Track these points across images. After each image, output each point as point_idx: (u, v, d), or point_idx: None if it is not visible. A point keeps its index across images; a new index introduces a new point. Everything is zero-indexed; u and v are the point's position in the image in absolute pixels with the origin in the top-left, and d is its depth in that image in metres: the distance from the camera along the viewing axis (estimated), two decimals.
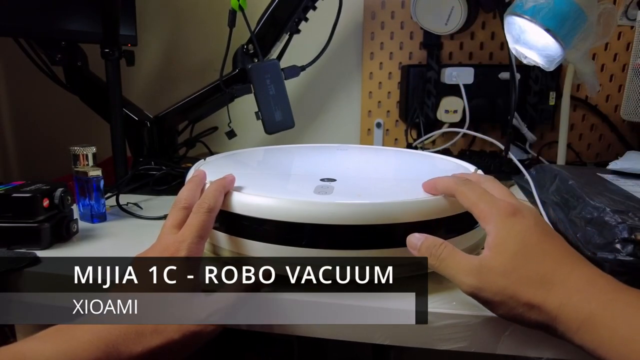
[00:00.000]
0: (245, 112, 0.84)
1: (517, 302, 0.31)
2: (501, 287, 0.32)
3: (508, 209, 0.34)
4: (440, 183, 0.41)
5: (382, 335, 0.39)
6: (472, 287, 0.33)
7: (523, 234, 0.33)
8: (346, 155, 0.61)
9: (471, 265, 0.33)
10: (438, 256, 0.35)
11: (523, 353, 0.38)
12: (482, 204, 0.35)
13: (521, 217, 0.34)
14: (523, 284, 0.31)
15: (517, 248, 0.32)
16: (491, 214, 0.34)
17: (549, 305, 0.30)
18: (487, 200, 0.35)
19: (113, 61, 0.70)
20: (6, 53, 1.05)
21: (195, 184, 0.44)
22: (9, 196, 0.49)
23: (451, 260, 0.35)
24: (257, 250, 0.40)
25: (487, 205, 0.35)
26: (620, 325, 0.28)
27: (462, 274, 0.33)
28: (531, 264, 0.31)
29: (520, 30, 0.61)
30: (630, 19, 0.77)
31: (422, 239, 0.37)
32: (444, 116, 0.86)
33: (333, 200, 0.39)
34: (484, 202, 0.35)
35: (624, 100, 0.70)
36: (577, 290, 0.30)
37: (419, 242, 0.37)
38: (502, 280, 0.32)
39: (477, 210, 0.36)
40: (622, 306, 0.28)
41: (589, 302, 0.29)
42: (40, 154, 1.11)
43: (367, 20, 0.92)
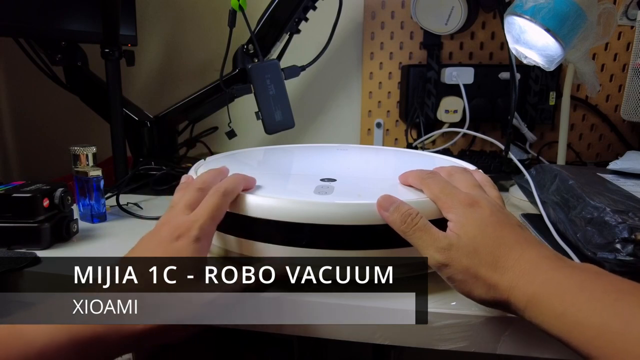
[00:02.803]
0: (245, 112, 0.84)
1: (477, 282, 0.34)
2: (465, 266, 0.34)
3: (466, 200, 0.37)
4: (410, 176, 0.44)
5: (382, 335, 0.39)
6: (440, 262, 0.35)
7: (479, 221, 0.36)
8: (346, 155, 0.61)
9: (441, 242, 0.36)
10: (413, 225, 0.37)
11: (523, 353, 0.38)
12: (443, 196, 0.39)
13: (478, 207, 0.37)
14: (482, 265, 0.34)
15: (476, 233, 0.35)
16: (452, 205, 0.38)
17: (502, 286, 0.33)
18: (448, 193, 0.39)
19: (113, 61, 0.70)
20: (6, 53, 1.05)
21: (218, 171, 0.45)
22: (9, 196, 0.49)
23: (424, 232, 0.36)
24: (257, 250, 0.40)
25: (448, 197, 0.38)
26: (555, 301, 0.30)
27: (433, 248, 0.36)
28: (488, 248, 0.34)
29: (520, 30, 0.61)
30: (630, 19, 0.77)
31: (397, 203, 0.38)
32: (444, 116, 0.86)
33: (333, 201, 0.39)
34: (445, 194, 0.39)
35: (624, 100, 0.70)
36: (523, 273, 0.33)
37: (390, 206, 0.38)
38: (467, 260, 0.34)
39: (439, 202, 0.39)
40: (558, 284, 0.31)
41: (532, 284, 0.32)
42: (40, 154, 1.11)
43: (367, 20, 0.92)
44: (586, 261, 0.42)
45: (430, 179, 0.41)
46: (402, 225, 0.37)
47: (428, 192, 0.40)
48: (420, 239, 0.36)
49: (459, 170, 0.43)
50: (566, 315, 0.30)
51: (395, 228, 0.38)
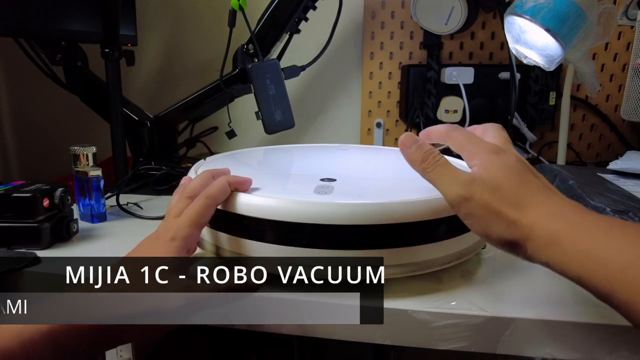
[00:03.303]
0: (245, 112, 0.84)
1: (498, 218, 0.33)
2: (486, 201, 0.34)
3: (492, 147, 0.37)
4: (434, 131, 0.42)
5: (382, 335, 0.39)
6: (460, 196, 0.34)
7: (504, 165, 0.35)
8: (346, 155, 0.61)
9: (463, 177, 0.35)
10: (434, 162, 0.37)
11: (523, 353, 0.38)
12: (469, 145, 0.38)
13: (504, 154, 0.36)
14: (505, 202, 0.33)
15: (500, 174, 0.35)
16: (477, 151, 0.37)
17: (523, 223, 0.33)
18: (473, 142, 0.38)
19: (113, 61, 0.70)
20: (6, 53, 1.05)
21: (209, 175, 0.44)
22: (9, 196, 0.49)
23: (446, 168, 0.36)
24: (257, 250, 0.40)
25: (473, 146, 0.37)
26: (582, 237, 0.30)
27: (454, 183, 0.35)
28: (512, 189, 0.34)
29: (520, 30, 0.61)
30: (630, 19, 0.77)
31: (419, 142, 0.38)
32: (444, 116, 0.86)
33: (333, 200, 0.39)
34: (471, 143, 0.38)
35: (624, 100, 0.70)
36: (547, 213, 0.33)
37: (413, 144, 0.38)
38: (489, 195, 0.34)
39: (464, 151, 0.38)
40: (586, 222, 0.31)
41: (556, 222, 0.32)
42: (40, 154, 1.11)
43: (367, 20, 0.92)
44: None
45: (455, 131, 0.39)
46: (422, 162, 0.37)
47: (453, 144, 0.39)
48: (441, 175, 0.36)
49: (492, 126, 0.41)
50: (591, 251, 0.30)
51: (415, 166, 0.38)
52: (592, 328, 0.36)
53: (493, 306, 0.38)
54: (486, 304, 0.39)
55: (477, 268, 0.46)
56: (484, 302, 0.39)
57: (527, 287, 0.41)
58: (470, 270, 0.45)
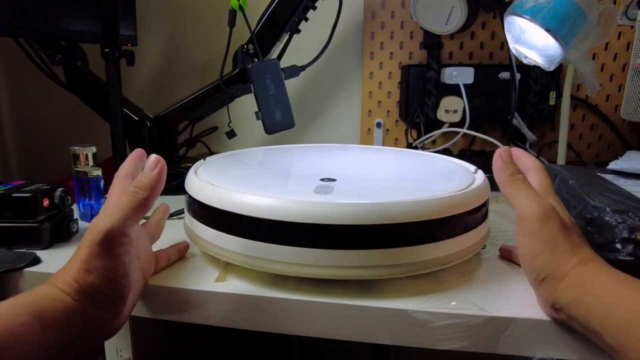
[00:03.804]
0: (245, 112, 0.84)
1: (554, 250, 0.36)
2: (556, 230, 0.36)
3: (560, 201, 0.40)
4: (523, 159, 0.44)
5: (382, 335, 0.39)
6: (538, 217, 0.37)
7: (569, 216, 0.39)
8: (346, 155, 0.61)
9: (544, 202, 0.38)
10: (522, 180, 0.40)
11: (523, 353, 0.38)
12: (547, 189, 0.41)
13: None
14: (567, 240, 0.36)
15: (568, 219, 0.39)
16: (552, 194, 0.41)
17: (570, 264, 0.35)
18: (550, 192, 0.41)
19: (113, 61, 0.70)
20: (6, 53, 1.05)
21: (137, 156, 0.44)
22: (9, 196, 0.49)
23: (530, 188, 0.39)
24: (256, 250, 0.40)
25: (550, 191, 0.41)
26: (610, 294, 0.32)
27: (535, 202, 0.38)
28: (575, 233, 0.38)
29: (520, 30, 0.61)
30: (630, 18, 0.77)
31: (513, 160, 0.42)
32: (444, 116, 0.86)
33: (333, 200, 0.39)
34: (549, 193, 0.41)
35: (624, 100, 0.70)
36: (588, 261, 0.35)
37: (508, 159, 0.42)
38: (560, 227, 0.36)
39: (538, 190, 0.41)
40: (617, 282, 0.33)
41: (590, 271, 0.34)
42: (40, 154, 1.11)
43: (367, 20, 0.92)
44: None
45: (545, 173, 0.43)
46: (510, 175, 0.40)
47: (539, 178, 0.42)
48: (524, 191, 0.39)
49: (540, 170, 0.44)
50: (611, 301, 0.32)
51: (503, 175, 0.41)
52: None
53: (493, 306, 0.38)
54: (486, 304, 0.39)
55: (477, 268, 0.46)
56: (484, 302, 0.39)
57: (527, 287, 0.40)
58: (470, 270, 0.45)
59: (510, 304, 0.39)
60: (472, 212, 0.43)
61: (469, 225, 0.43)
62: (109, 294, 0.36)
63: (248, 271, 0.43)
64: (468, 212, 0.42)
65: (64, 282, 0.35)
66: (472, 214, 0.43)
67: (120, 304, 0.37)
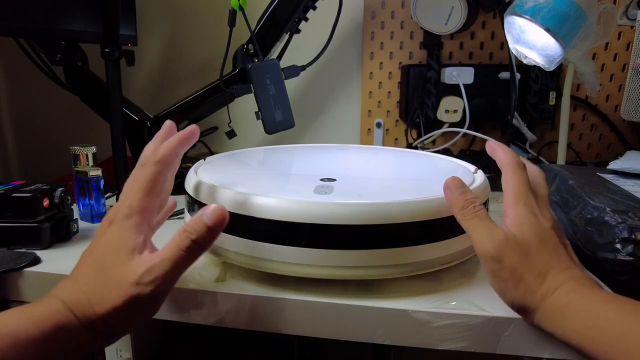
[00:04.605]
0: (245, 112, 0.84)
1: (518, 284, 0.34)
2: (514, 265, 0.34)
3: (532, 207, 0.37)
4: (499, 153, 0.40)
5: (382, 335, 0.39)
6: (491, 255, 0.35)
7: (540, 230, 0.36)
8: (346, 155, 0.61)
9: (497, 235, 0.35)
10: (472, 212, 0.37)
11: (523, 353, 0.38)
12: (514, 193, 0.38)
13: (541, 217, 0.37)
14: (530, 270, 0.34)
15: (534, 238, 0.35)
16: (517, 203, 0.37)
17: (539, 293, 0.34)
18: (520, 192, 0.38)
19: (113, 61, 0.70)
20: (6, 53, 1.05)
21: (159, 138, 0.41)
22: (9, 196, 0.49)
23: (481, 221, 0.37)
24: (257, 250, 0.40)
25: (517, 196, 0.37)
26: (584, 311, 0.32)
27: (488, 239, 0.35)
28: (540, 257, 0.35)
29: (520, 30, 0.61)
30: (630, 18, 0.77)
31: (464, 189, 0.39)
32: (444, 116, 0.86)
33: (333, 200, 0.39)
34: (517, 193, 0.38)
35: (624, 100, 0.70)
36: (562, 285, 0.34)
37: (457, 189, 0.39)
38: (517, 260, 0.34)
39: (508, 196, 0.38)
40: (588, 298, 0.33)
41: (566, 295, 0.33)
42: (40, 154, 1.11)
43: (367, 20, 0.92)
44: (586, 261, 0.42)
45: (513, 169, 0.39)
46: (462, 210, 0.38)
47: (505, 179, 0.39)
48: (477, 227, 0.36)
49: (540, 177, 0.41)
50: (591, 321, 0.31)
51: (455, 211, 0.38)
52: None
53: (493, 306, 0.38)
54: (486, 304, 0.39)
55: (477, 268, 0.46)
56: (484, 302, 0.39)
57: None
58: (470, 270, 0.45)
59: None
60: None
61: None
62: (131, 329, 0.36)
63: (248, 271, 0.43)
64: None
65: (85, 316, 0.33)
66: None
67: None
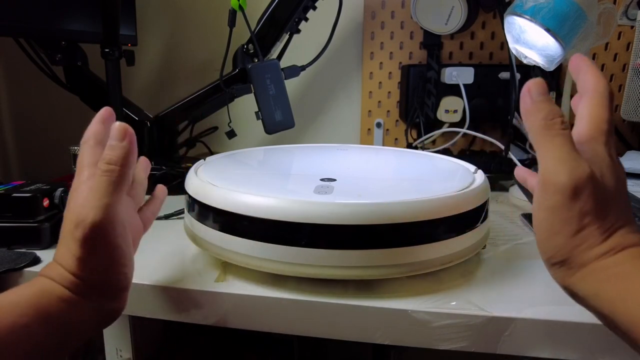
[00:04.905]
0: (245, 112, 0.84)
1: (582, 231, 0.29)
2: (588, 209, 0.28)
3: (613, 152, 0.32)
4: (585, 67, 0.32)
5: (382, 335, 0.39)
6: (564, 189, 0.28)
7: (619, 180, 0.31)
8: (346, 155, 0.61)
9: (581, 167, 0.29)
10: (558, 128, 0.30)
11: (523, 353, 0.38)
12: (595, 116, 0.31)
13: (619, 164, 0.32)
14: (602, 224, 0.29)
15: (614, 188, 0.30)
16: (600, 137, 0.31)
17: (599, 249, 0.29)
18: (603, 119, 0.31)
19: (113, 61, 0.70)
20: (6, 53, 1.05)
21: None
22: (9, 196, 0.49)
23: (567, 143, 0.29)
24: (257, 250, 0.40)
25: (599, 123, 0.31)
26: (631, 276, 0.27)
27: (566, 166, 0.29)
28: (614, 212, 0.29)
29: (520, 30, 0.61)
30: (630, 18, 0.77)
31: (548, 96, 0.31)
32: (444, 116, 0.86)
33: (333, 200, 0.39)
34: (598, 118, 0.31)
35: (624, 100, 0.70)
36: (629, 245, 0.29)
37: (542, 95, 0.31)
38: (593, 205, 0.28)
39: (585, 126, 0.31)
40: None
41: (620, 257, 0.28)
42: (40, 154, 1.11)
43: (367, 20, 0.92)
44: None
45: (610, 105, 0.31)
46: (544, 119, 0.30)
47: (596, 108, 0.31)
48: (557, 148, 0.29)
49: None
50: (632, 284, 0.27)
51: (533, 120, 0.31)
52: (592, 328, 0.36)
53: (493, 306, 0.38)
54: (486, 304, 0.39)
55: (477, 268, 0.46)
56: (484, 302, 0.39)
57: (527, 287, 0.41)
58: (470, 270, 0.45)
59: (510, 304, 0.39)
60: (472, 212, 0.43)
61: (469, 225, 0.43)
62: (114, 284, 0.35)
63: (248, 271, 0.43)
64: (468, 212, 0.42)
65: (63, 278, 0.33)
66: (472, 214, 0.43)
67: (125, 290, 0.36)
